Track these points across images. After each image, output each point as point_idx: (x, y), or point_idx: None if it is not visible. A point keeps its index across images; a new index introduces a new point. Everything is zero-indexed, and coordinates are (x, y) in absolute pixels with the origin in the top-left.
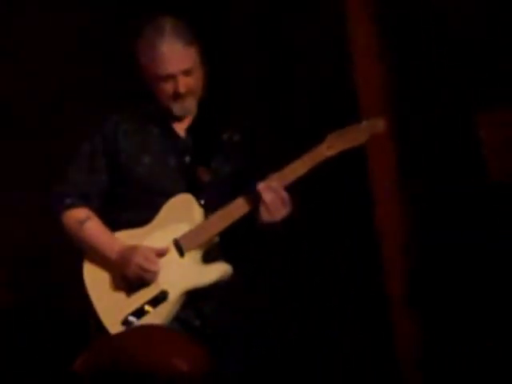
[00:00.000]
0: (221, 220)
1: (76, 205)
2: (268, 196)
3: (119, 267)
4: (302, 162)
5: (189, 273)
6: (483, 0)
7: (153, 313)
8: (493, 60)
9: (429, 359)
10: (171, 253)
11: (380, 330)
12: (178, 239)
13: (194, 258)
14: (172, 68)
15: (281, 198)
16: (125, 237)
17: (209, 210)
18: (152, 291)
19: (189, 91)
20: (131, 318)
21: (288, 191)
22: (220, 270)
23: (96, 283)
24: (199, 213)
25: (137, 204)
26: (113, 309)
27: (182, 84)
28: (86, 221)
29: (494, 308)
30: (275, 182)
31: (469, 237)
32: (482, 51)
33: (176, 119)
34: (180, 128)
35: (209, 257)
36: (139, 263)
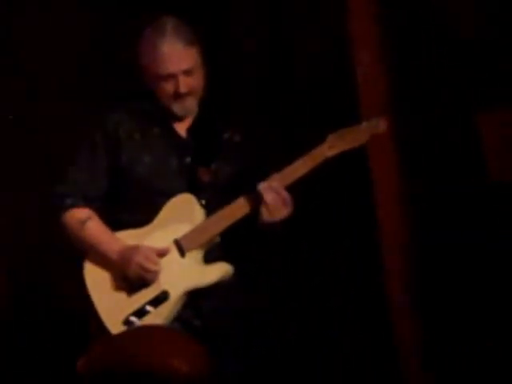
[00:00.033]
0: (222, 220)
1: (77, 205)
2: (269, 196)
3: (120, 267)
4: (303, 163)
5: (190, 273)
6: (483, 0)
7: (154, 313)
8: (493, 60)
9: (429, 359)
10: (172, 253)
11: (380, 331)
12: (179, 239)
13: (195, 258)
14: (173, 68)
15: (282, 199)
16: (126, 237)
17: (210, 210)
18: (153, 291)
19: (189, 91)
20: (132, 318)
21: (289, 191)
22: (221, 270)
23: (97, 283)
24: (200, 213)
25: (137, 204)
26: (114, 309)
27: (183, 84)
28: (87, 221)
29: (495, 308)
30: (276, 182)
31: (469, 237)
32: (482, 51)
33: (177, 119)
34: (181, 128)
35: (210, 257)
36: (140, 263)
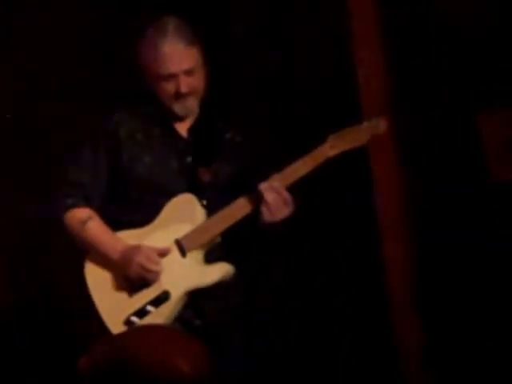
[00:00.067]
0: (223, 220)
1: (78, 205)
2: (270, 196)
3: (121, 267)
4: (304, 163)
5: (191, 273)
6: (488, 1)
7: (155, 313)
8: (493, 60)
9: (429, 359)
10: (173, 253)
11: (380, 330)
12: (180, 239)
13: (196, 258)
14: (174, 68)
15: (283, 198)
16: (127, 237)
17: (210, 211)
18: (154, 291)
19: (190, 91)
20: (133, 318)
21: (290, 191)
22: (222, 270)
23: (98, 283)
24: (201, 213)
25: (138, 204)
26: (115, 309)
27: (184, 84)
28: (88, 221)
29: (496, 308)
30: (277, 182)
31: (469, 237)
32: (483, 51)
33: (178, 119)
34: (182, 128)
35: (211, 257)
36: (141, 263)
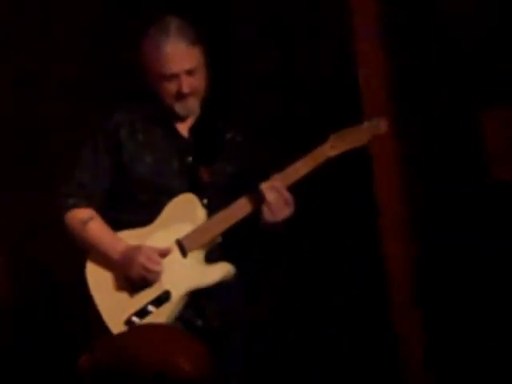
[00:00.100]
0: (224, 220)
1: (79, 205)
2: (271, 196)
3: (122, 267)
4: (305, 162)
5: (192, 273)
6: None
7: (156, 313)
8: (495, 59)
9: (430, 359)
10: (174, 253)
11: (381, 330)
12: (181, 239)
13: (197, 258)
14: (176, 67)
15: (284, 198)
16: (127, 237)
17: (211, 210)
18: (155, 291)
19: (192, 91)
20: (134, 319)
21: (290, 191)
22: (223, 270)
23: (99, 283)
24: (202, 213)
25: (139, 204)
26: (116, 309)
27: (186, 84)
28: (89, 221)
29: (497, 308)
30: (278, 182)
31: (470, 236)
32: (484, 50)
33: (179, 119)
34: (183, 128)
35: (211, 257)
36: (142, 263)
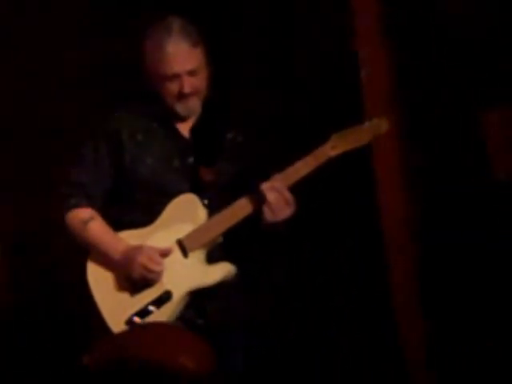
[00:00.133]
0: (224, 220)
1: (80, 205)
2: (272, 196)
3: (123, 267)
4: (306, 162)
5: (192, 273)
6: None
7: (157, 313)
8: (497, 59)
9: (433, 359)
10: (175, 253)
11: (384, 330)
12: (182, 239)
13: (198, 258)
14: (178, 68)
15: (284, 198)
16: (128, 237)
17: (212, 210)
18: (156, 291)
19: (193, 92)
20: (135, 318)
21: (292, 191)
22: (224, 270)
23: (100, 283)
24: (203, 213)
25: (140, 204)
26: (117, 309)
27: (187, 84)
28: (90, 221)
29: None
30: (279, 182)
31: (473, 236)
32: (487, 50)
33: (180, 119)
34: (184, 128)
35: (212, 257)
36: (143, 263)
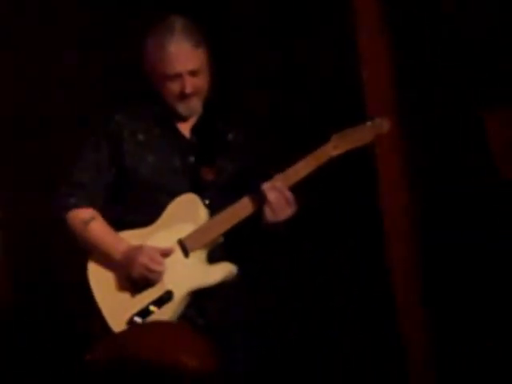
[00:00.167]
0: (225, 220)
1: (80, 205)
2: (272, 196)
3: (124, 267)
4: (307, 162)
5: (194, 273)
6: (490, 1)
7: (158, 313)
8: (501, 58)
9: (435, 359)
10: (176, 253)
11: (386, 331)
12: (183, 239)
13: (199, 258)
14: (180, 67)
15: (285, 198)
16: (129, 237)
17: (213, 210)
18: (157, 291)
19: (195, 92)
20: (136, 319)
21: (293, 191)
22: (225, 270)
23: (101, 283)
24: (204, 213)
25: (141, 204)
26: (118, 309)
27: (189, 84)
28: (91, 221)
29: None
30: (280, 182)
31: (476, 236)
32: (492, 50)
33: (181, 119)
34: (184, 128)
35: (213, 257)
36: (144, 263)
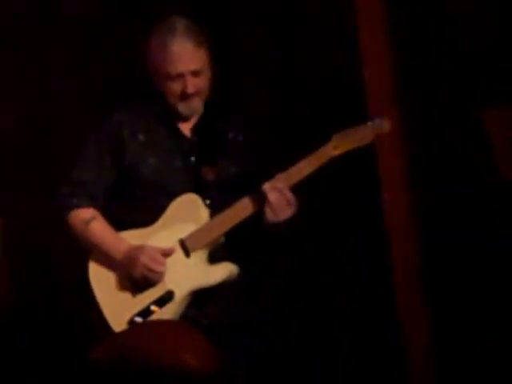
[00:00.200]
0: (227, 220)
1: (82, 205)
2: (273, 196)
3: (125, 267)
4: (308, 162)
5: (195, 273)
6: (491, 2)
7: (159, 313)
8: (502, 59)
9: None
10: (177, 253)
11: (388, 331)
12: (184, 239)
13: (200, 258)
14: (182, 67)
15: (286, 199)
16: (130, 237)
17: (214, 210)
18: (158, 291)
19: (197, 92)
20: (137, 319)
21: (294, 191)
22: (226, 270)
23: (102, 283)
24: (205, 213)
25: (142, 204)
26: (119, 309)
27: (191, 84)
28: (92, 221)
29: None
30: (281, 183)
31: (478, 237)
32: (493, 49)
33: (182, 119)
34: (185, 128)
35: (215, 257)
36: (145, 263)
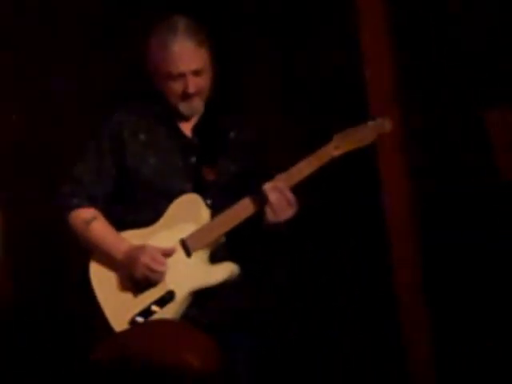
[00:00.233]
0: (227, 220)
1: (82, 205)
2: (273, 196)
3: (126, 267)
4: (309, 162)
5: (196, 273)
6: (491, 2)
7: (160, 313)
8: (502, 59)
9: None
10: (178, 253)
11: (388, 331)
12: (185, 239)
13: (201, 258)
14: (183, 67)
15: (286, 199)
16: (131, 237)
17: (215, 210)
18: (159, 291)
19: (198, 91)
20: (138, 319)
21: (294, 191)
22: (227, 270)
23: (103, 283)
24: (206, 213)
25: (143, 204)
26: (120, 309)
27: (192, 84)
28: (93, 221)
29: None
30: (281, 183)
31: (479, 237)
32: (494, 49)
33: (182, 119)
34: (186, 128)
35: (215, 257)
36: (146, 263)
